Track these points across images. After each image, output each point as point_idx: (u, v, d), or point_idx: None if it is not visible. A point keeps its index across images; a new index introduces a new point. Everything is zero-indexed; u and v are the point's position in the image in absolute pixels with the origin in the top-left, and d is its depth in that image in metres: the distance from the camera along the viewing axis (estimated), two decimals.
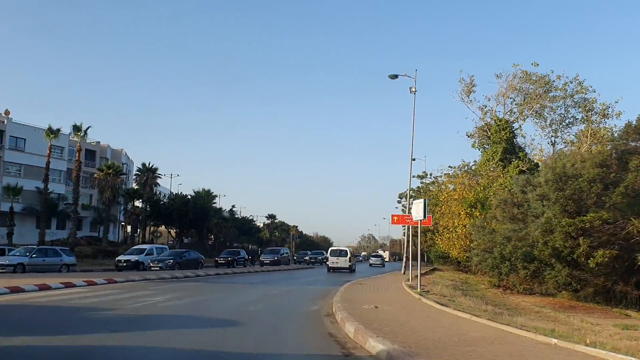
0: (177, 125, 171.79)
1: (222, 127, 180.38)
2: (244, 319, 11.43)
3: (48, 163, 49.26)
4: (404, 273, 35.94)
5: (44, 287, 16.68)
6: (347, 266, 40.77)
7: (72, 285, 18.03)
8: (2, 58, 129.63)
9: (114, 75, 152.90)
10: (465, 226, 41.68)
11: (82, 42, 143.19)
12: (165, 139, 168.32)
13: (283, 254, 51.73)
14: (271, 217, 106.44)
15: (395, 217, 25.93)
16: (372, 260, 70.61)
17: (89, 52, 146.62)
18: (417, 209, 18.19)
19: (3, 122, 63.65)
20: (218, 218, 74.64)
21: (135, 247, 41.60)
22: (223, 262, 43.80)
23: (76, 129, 47.70)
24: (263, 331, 10.04)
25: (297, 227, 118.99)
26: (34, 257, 29.20)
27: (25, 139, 64.75)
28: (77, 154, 47.21)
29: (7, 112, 65.02)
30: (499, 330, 9.78)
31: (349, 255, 42.11)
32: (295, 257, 64.91)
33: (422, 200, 18.12)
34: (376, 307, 13.36)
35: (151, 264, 33.34)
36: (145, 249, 37.71)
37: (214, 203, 73.95)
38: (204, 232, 73.97)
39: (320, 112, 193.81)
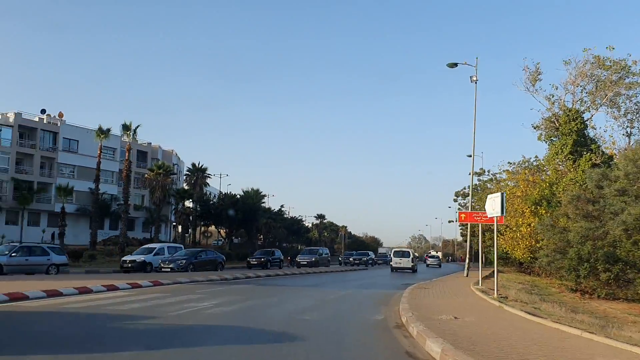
0: (226, 125, 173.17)
1: (271, 127, 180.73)
2: (301, 330, 9.71)
3: (99, 163, 49.30)
4: (467, 275, 33.68)
5: (84, 291, 15.49)
6: (410, 266, 42.51)
7: (115, 288, 16.82)
8: (54, 60, 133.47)
9: (167, 76, 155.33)
10: (529, 225, 38.97)
11: (137, 44, 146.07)
12: (215, 140, 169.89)
13: (322, 254, 47.53)
14: (320, 217, 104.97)
15: (463, 215, 23.70)
16: (430, 261, 70.81)
17: (144, 54, 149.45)
18: (493, 204, 16.04)
19: (56, 124, 64.67)
20: (267, 218, 73.65)
21: (145, 246, 38.33)
22: (255, 262, 40.93)
23: (125, 128, 47.48)
24: (326, 349, 8.28)
25: (346, 227, 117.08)
26: (15, 256, 25.48)
27: (78, 141, 65.63)
28: (127, 153, 46.95)
29: (60, 115, 66.06)
30: (632, 355, 7.67)
31: (411, 256, 44.24)
32: (340, 259, 62.32)
33: (498, 194, 15.96)
34: (455, 317, 11.39)
35: (162, 265, 30.31)
36: (154, 248, 34.47)
37: (263, 202, 73.07)
38: (253, 232, 73.13)
39: (370, 111, 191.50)
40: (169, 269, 29.33)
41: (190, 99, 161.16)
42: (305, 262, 43.05)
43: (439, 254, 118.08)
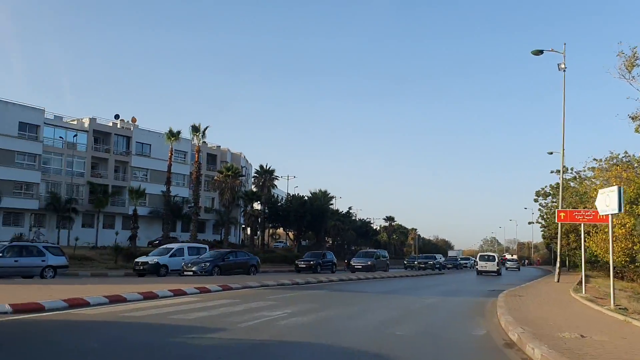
0: (294, 128, 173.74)
1: (338, 127, 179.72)
2: (397, 351, 8.01)
3: (169, 166, 49.56)
4: (558, 280, 30.84)
5: (149, 296, 14.42)
6: (495, 270, 44.20)
7: (182, 293, 15.71)
8: (127, 65, 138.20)
9: (235, 79, 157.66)
10: (623, 226, 35.44)
11: (203, 47, 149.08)
12: (282, 142, 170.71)
13: (379, 257, 42.76)
14: (389, 219, 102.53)
15: (562, 214, 21.17)
16: (509, 264, 68.90)
17: (211, 57, 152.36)
18: (607, 200, 13.71)
19: (130, 129, 66.07)
20: (335, 220, 72.32)
21: (164, 245, 34.89)
22: (304, 266, 37.61)
23: (194, 129, 47.44)
24: None
25: (415, 229, 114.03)
26: (2, 257, 22.51)
27: (150, 145, 66.77)
28: (196, 155, 46.89)
29: (133, 120, 67.46)
30: None
31: (496, 260, 45.80)
32: (405, 262, 59.05)
33: (614, 188, 13.66)
34: (582, 335, 9.31)
35: (185, 268, 27.49)
36: (172, 248, 31.03)
37: (331, 204, 71.74)
38: (322, 235, 71.94)
39: (440, 112, 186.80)
40: (191, 272, 26.77)
41: (258, 102, 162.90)
42: (360, 266, 39.61)
43: (514, 257, 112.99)
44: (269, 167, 66.51)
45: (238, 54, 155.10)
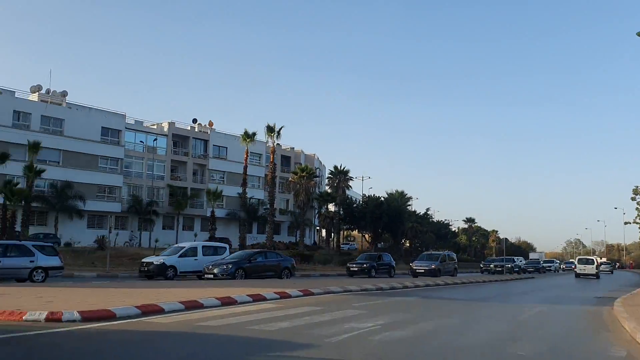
0: (367, 128, 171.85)
1: (413, 129, 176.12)
2: None
3: (245, 167, 49.42)
4: None
5: (227, 302, 13.34)
6: (594, 273, 44.02)
7: (262, 299, 14.56)
8: (203, 67, 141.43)
9: (308, 81, 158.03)
10: None
11: (277, 50, 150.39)
12: (355, 143, 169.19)
13: (446, 260, 38.05)
14: (469, 220, 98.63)
15: None
16: (602, 267, 63.62)
17: (283, 58, 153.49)
18: None
19: (207, 132, 66.99)
20: (413, 222, 69.97)
21: (176, 244, 32.16)
22: (356, 269, 34.66)
23: (269, 130, 46.96)
24: None
25: (496, 231, 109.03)
26: None
27: (226, 148, 67.52)
28: (272, 155, 46.36)
29: (210, 124, 68.41)
30: None
31: (595, 263, 45.97)
32: (482, 265, 54.94)
33: None
34: None
35: (206, 270, 24.65)
36: (183, 247, 28.06)
37: (409, 205, 69.44)
38: (399, 237, 69.82)
39: (519, 111, 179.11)
40: (211, 275, 24.18)
41: (332, 103, 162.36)
42: (423, 270, 35.15)
43: (603, 259, 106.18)
44: (344, 168, 65.36)
45: (310, 54, 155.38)
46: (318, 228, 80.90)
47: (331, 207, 67.71)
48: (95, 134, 54.80)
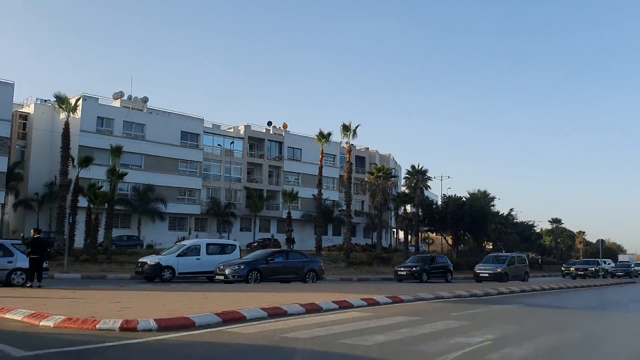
0: (443, 126, 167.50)
1: (493, 127, 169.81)
2: None
3: (321, 168, 48.58)
4: None
5: (311, 309, 12.23)
6: None
7: (348, 306, 13.35)
8: (276, 70, 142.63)
9: (382, 82, 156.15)
10: None
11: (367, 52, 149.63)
12: (431, 142, 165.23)
13: (514, 262, 34.13)
14: (555, 221, 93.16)
15: None
16: None
17: (353, 58, 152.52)
18: None
19: (281, 134, 66.97)
20: (496, 223, 66.52)
21: (181, 242, 29.18)
22: (404, 273, 31.22)
23: (345, 128, 45.82)
24: None
25: (583, 232, 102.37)
26: None
27: (301, 149, 67.23)
28: (348, 155, 45.22)
29: (284, 126, 68.35)
30: None
31: None
32: (563, 268, 50.13)
33: None
34: None
35: (217, 271, 22.08)
36: (184, 245, 25.54)
37: (493, 205, 66.10)
38: (482, 239, 66.63)
39: (609, 107, 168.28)
40: (222, 277, 21.62)
41: (405, 102, 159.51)
42: (487, 275, 31.50)
43: None
44: (422, 168, 63.15)
45: (381, 50, 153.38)
46: (394, 230, 78.97)
47: (409, 208, 65.74)
48: (175, 138, 55.90)
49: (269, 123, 67.73)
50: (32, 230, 17.40)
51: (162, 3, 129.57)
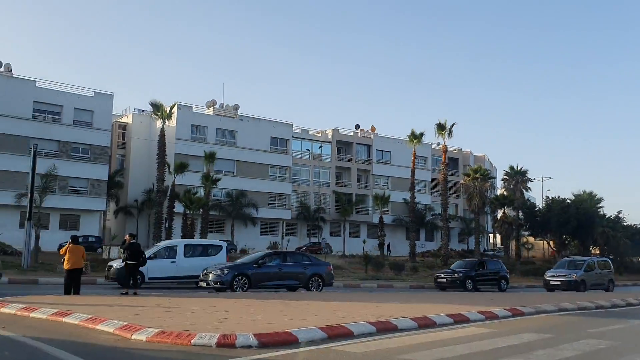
0: (540, 125, 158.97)
1: (594, 125, 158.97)
2: None
3: (413, 170, 46.82)
4: None
5: (424, 324, 10.81)
6: None
7: (464, 320, 11.80)
8: (364, 73, 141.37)
9: (474, 80, 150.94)
10: None
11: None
12: (528, 142, 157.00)
13: (594, 268, 28.69)
14: None
15: None
16: None
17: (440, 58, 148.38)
18: None
19: (369, 137, 65.72)
20: (604, 226, 61.37)
21: (160, 243, 24.98)
22: (445, 280, 27.51)
23: (440, 127, 43.71)
24: None
25: None
26: None
27: (390, 152, 65.71)
28: (443, 155, 43.16)
29: (372, 129, 67.10)
30: None
31: None
32: None
33: None
34: None
35: (201, 277, 19.19)
36: (158, 246, 23.14)
37: (600, 207, 61.08)
38: (589, 243, 61.70)
39: None
40: (204, 283, 19.00)
41: (497, 101, 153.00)
42: (559, 282, 27.09)
43: None
44: (521, 168, 59.54)
45: (469, 46, 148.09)
46: (491, 234, 75.32)
47: (506, 211, 62.15)
48: (265, 143, 56.31)
49: (357, 126, 66.74)
50: (127, 236, 17.12)
51: (245, 12, 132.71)
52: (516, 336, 9.90)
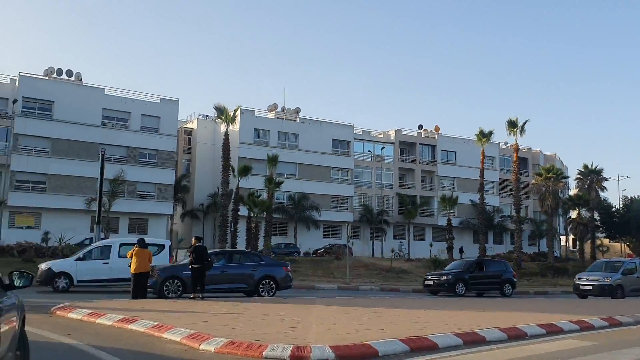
0: (616, 122, 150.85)
1: None
2: None
3: (482, 170, 45.03)
4: None
5: (514, 335, 9.78)
6: None
7: (557, 330, 10.68)
8: (429, 71, 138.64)
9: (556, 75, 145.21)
10: None
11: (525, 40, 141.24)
12: (604, 139, 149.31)
13: (637, 272, 24.84)
14: None
15: None
16: None
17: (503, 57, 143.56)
18: None
19: (434, 137, 64.02)
20: None
21: (97, 242, 22.23)
22: (432, 283, 24.20)
23: (511, 124, 41.68)
24: None
25: None
26: None
27: (455, 152, 63.84)
28: (515, 154, 41.23)
29: (436, 129, 65.33)
30: None
31: None
32: None
33: None
34: None
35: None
36: (91, 248, 20.54)
37: None
38: None
39: None
40: (153, 292, 16.55)
41: (567, 98, 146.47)
42: (591, 287, 23.88)
43: None
44: (596, 167, 56.26)
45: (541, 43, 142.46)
46: (563, 236, 71.80)
47: (579, 212, 58.93)
48: (326, 146, 55.82)
49: (420, 126, 65.10)
50: (193, 239, 16.84)
51: (303, 16, 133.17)
52: (621, 351, 8.74)
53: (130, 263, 15.40)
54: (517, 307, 16.12)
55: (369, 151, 59.80)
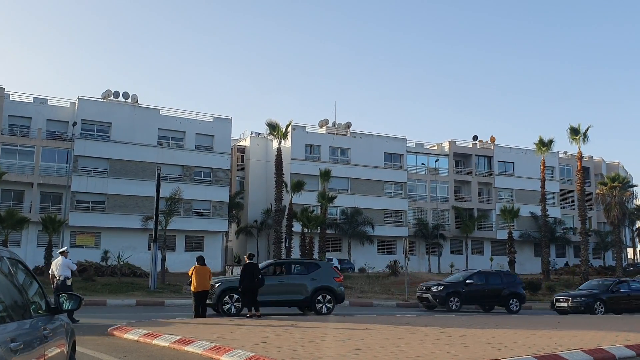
0: None
1: None
2: None
3: (543, 180, 43.18)
4: None
5: (601, 357, 8.85)
6: None
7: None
8: (479, 82, 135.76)
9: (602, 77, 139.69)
10: None
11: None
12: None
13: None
14: None
15: None
16: None
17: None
18: None
19: (490, 148, 62.24)
20: None
21: None
22: (567, 306, 21.27)
23: (573, 131, 39.72)
24: None
25: None
26: None
27: (513, 163, 61.89)
28: (578, 162, 39.23)
29: (492, 139, 63.53)
30: None
31: None
32: None
33: None
34: None
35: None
36: None
37: None
38: None
39: None
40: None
41: (630, 103, 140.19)
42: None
43: None
44: None
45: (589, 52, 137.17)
46: (629, 248, 68.16)
47: None
48: (378, 160, 55.09)
49: (475, 137, 63.42)
50: (245, 256, 16.54)
51: (354, 31, 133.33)
52: None
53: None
54: (596, 325, 14.92)
55: (422, 164, 58.65)
